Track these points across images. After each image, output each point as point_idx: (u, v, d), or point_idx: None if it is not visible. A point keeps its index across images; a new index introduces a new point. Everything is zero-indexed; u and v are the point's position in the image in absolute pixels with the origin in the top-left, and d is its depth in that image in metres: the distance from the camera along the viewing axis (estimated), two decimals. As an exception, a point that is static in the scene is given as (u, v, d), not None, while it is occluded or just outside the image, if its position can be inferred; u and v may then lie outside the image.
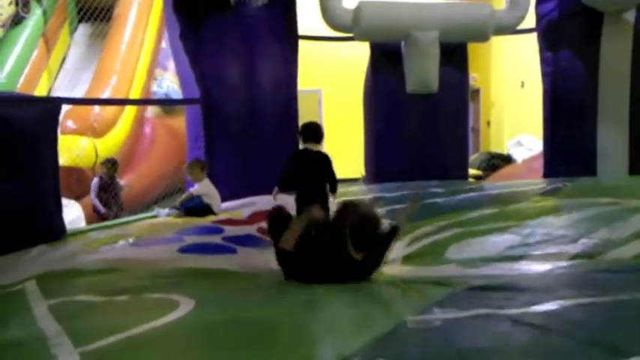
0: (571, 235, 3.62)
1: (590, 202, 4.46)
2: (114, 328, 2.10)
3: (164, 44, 9.28)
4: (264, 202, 5.49)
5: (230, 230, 4.42)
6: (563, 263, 3.03)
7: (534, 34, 7.05)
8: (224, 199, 5.52)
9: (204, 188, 5.33)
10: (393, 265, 3.41)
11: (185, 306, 2.42)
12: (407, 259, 3.68)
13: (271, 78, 6.42)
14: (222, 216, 5.13)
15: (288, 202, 3.95)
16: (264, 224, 4.68)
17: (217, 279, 3.14)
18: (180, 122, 7.96)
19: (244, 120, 6.23)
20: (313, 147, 4.21)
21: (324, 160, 4.24)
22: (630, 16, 6.17)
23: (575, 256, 3.18)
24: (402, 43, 6.79)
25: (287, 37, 6.60)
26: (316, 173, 4.19)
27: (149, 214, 5.62)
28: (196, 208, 5.20)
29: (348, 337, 2.07)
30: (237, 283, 3.07)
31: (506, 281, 2.76)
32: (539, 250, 3.40)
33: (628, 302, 2.24)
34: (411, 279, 3.00)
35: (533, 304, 2.27)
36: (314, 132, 4.21)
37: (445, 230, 4.26)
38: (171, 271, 3.25)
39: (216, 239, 4.11)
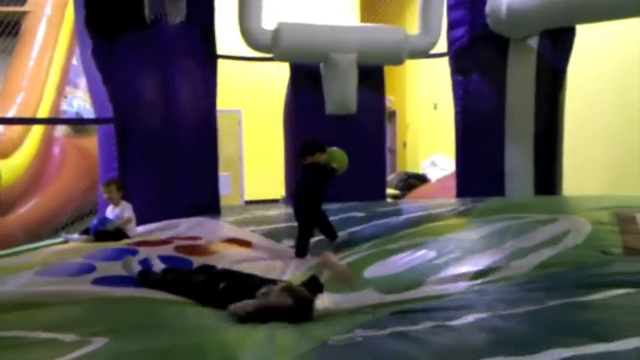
0: (481, 248, 3.76)
1: (499, 217, 4.66)
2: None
3: (75, 61, 8.92)
4: (187, 225, 5.33)
5: (145, 252, 4.12)
6: (473, 282, 3.13)
7: (446, 59, 7.36)
8: (139, 221, 5.32)
9: (129, 209, 5.12)
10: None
11: (96, 342, 2.30)
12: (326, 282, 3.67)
13: (189, 97, 6.29)
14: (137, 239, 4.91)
15: None
16: (183, 242, 4.58)
17: (132, 309, 3.00)
18: (91, 142, 7.64)
19: (161, 140, 6.07)
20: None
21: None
22: (533, 42, 6.59)
23: (483, 271, 3.29)
24: (322, 65, 6.88)
25: (205, 55, 6.52)
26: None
27: (57, 240, 5.29)
28: (109, 231, 4.96)
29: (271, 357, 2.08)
30: (153, 313, 2.93)
31: (424, 304, 2.81)
32: (451, 266, 3.48)
33: (537, 312, 2.35)
34: (332, 310, 2.95)
35: (449, 319, 2.35)
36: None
37: (362, 252, 4.34)
38: (81, 304, 3.06)
39: (132, 263, 3.87)
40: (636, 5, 5.42)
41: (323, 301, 3.10)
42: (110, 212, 5.19)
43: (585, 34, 6.76)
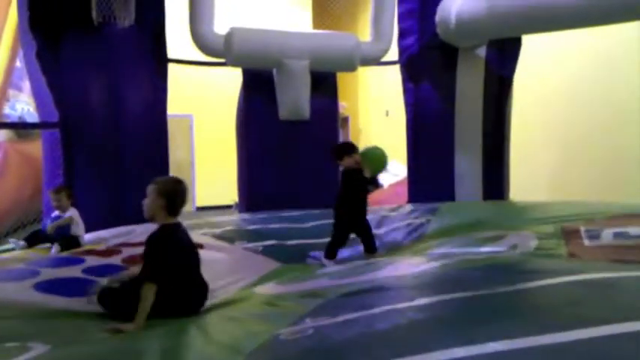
0: (431, 252, 3.93)
1: (449, 239, 4.73)
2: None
3: (19, 63, 8.61)
4: (139, 232, 5.19)
5: (92, 261, 4.01)
6: (425, 265, 3.21)
7: (397, 66, 7.47)
8: (88, 229, 5.16)
9: (76, 215, 4.93)
10: (266, 285, 3.44)
11: (37, 349, 2.22)
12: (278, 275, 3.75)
13: (138, 102, 6.17)
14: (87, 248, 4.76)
15: None
16: (131, 251, 4.46)
17: (74, 320, 2.91)
18: (35, 147, 7.37)
19: (109, 145, 5.92)
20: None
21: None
22: (481, 51, 6.77)
23: (432, 258, 3.39)
24: (275, 71, 6.86)
25: (155, 59, 6.41)
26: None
27: (4, 247, 5.08)
28: (65, 238, 4.76)
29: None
30: (95, 323, 2.86)
31: (375, 284, 2.84)
32: (400, 262, 3.60)
33: (486, 296, 2.39)
34: (284, 294, 3.01)
35: (400, 302, 2.35)
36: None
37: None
38: (23, 314, 2.95)
39: (75, 272, 3.73)
40: (581, 17, 5.60)
41: (275, 289, 3.15)
42: (57, 217, 5.02)
43: (534, 43, 6.98)
